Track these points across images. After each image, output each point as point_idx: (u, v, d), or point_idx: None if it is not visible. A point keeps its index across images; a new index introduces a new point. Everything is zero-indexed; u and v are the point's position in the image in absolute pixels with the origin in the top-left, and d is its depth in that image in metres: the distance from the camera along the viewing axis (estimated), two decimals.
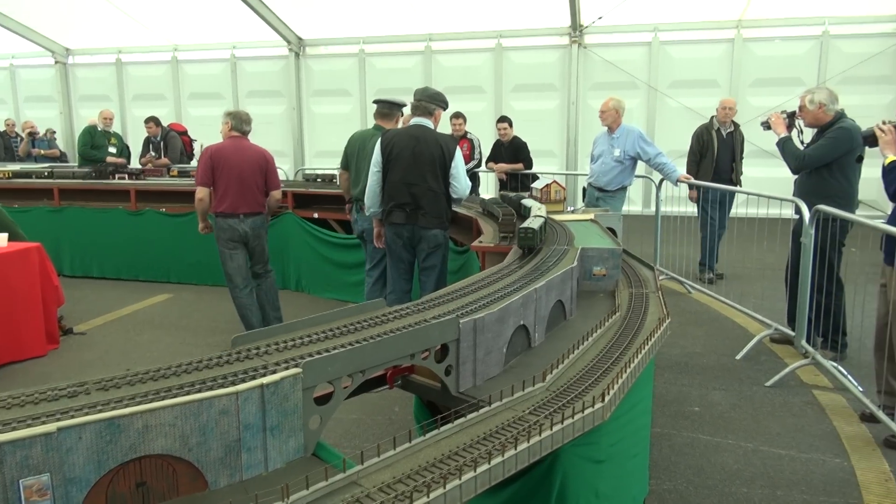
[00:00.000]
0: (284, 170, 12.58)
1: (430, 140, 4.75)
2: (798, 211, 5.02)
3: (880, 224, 4.09)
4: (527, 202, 4.81)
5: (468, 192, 4.95)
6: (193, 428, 1.65)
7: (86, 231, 8.19)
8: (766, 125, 5.50)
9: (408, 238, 4.86)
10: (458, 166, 4.82)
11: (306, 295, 7.49)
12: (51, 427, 1.47)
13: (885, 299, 4.10)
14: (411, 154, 4.72)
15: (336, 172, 8.20)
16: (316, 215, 7.51)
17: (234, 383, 1.79)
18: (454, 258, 5.95)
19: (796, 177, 5.43)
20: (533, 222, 3.74)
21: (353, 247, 6.81)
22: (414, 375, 2.52)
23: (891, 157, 4.04)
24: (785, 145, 5.24)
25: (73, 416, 1.58)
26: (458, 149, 4.87)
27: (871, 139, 4.29)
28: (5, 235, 5.63)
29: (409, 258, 4.96)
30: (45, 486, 1.46)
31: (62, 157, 12.02)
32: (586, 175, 7.44)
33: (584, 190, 7.38)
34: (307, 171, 9.80)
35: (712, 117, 7.72)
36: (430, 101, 4.89)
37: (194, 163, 11.40)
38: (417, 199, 4.75)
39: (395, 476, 1.76)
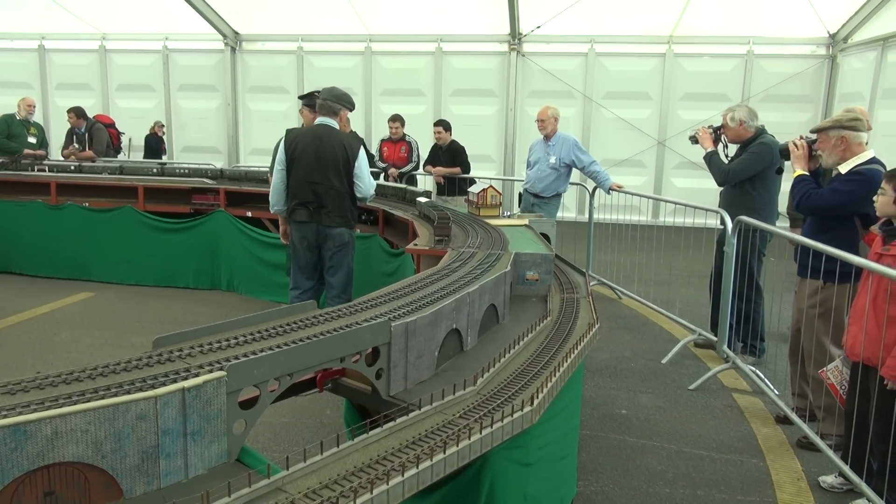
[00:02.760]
0: (218, 167, 12.28)
1: (333, 139, 4.84)
2: (722, 221, 5.22)
3: (795, 235, 4.29)
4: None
5: (373, 191, 5.05)
6: (108, 434, 1.57)
7: (1, 225, 7.75)
8: (694, 139, 5.69)
9: (313, 237, 4.92)
10: (362, 166, 4.91)
11: (237, 295, 7.31)
12: None
13: (798, 307, 4.30)
14: (314, 153, 4.80)
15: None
16: (249, 214, 7.34)
17: (153, 387, 1.72)
18: (389, 261, 5.93)
19: (721, 188, 5.64)
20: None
21: (287, 247, 6.69)
22: (344, 379, 2.49)
23: (799, 171, 4.25)
24: (711, 159, 5.43)
25: None
26: (361, 149, 4.95)
27: (786, 153, 4.50)
28: None
29: (313, 258, 5.02)
30: None
31: None
32: (523, 181, 7.54)
33: (521, 195, 7.47)
34: (241, 169, 9.57)
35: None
36: (335, 101, 4.95)
37: (122, 156, 10.98)
38: (321, 198, 4.84)
39: (321, 481, 1.73)
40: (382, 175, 8.77)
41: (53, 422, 1.49)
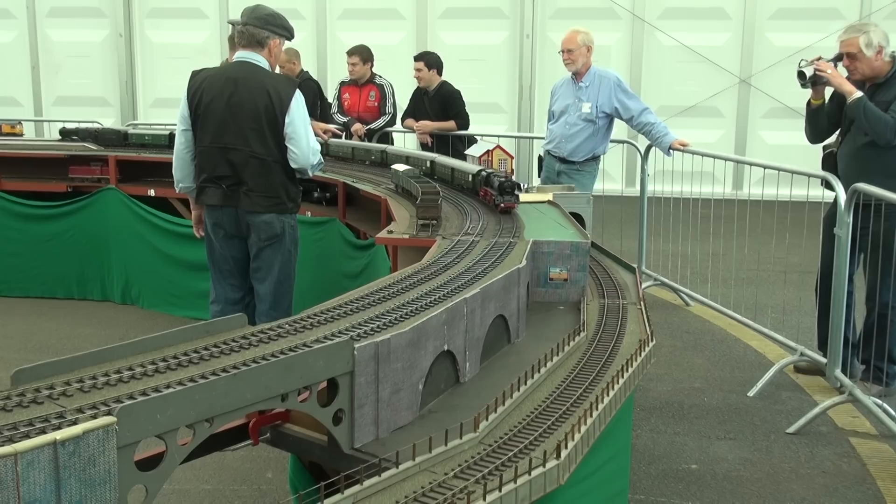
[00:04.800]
0: (107, 124, 12.26)
1: (253, 84, 4.74)
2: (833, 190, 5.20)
3: None
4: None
5: (316, 159, 4.91)
6: None
7: None
8: (814, 79, 5.39)
9: (231, 228, 4.91)
10: (296, 122, 4.77)
11: (138, 309, 7.32)
12: None
13: None
14: (226, 105, 4.73)
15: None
16: (152, 192, 7.33)
17: (11, 440, 1.73)
18: (354, 256, 5.94)
19: (824, 145, 5.62)
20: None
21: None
22: (289, 425, 2.49)
23: None
24: (867, 110, 5.12)
25: None
26: (297, 95, 4.81)
27: None
28: None
29: (237, 254, 5.04)
30: None
31: None
32: (543, 139, 7.54)
33: (541, 159, 7.47)
34: (141, 128, 9.55)
35: None
36: (262, 25, 4.85)
37: None
38: (238, 171, 4.77)
39: None
40: (344, 133, 8.77)
41: None
